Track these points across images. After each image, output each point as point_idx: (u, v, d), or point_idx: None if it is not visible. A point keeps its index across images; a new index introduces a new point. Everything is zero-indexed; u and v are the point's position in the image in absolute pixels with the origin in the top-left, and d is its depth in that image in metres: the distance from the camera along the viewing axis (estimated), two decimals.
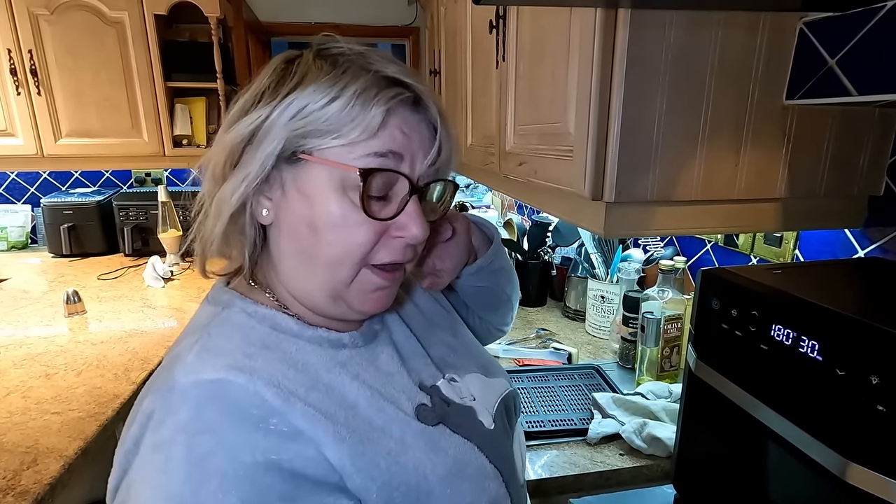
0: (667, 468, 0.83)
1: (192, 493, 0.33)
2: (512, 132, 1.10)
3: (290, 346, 0.44)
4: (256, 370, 0.39)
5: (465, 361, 0.56)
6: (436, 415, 0.47)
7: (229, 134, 0.43)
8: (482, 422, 0.50)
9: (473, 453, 0.47)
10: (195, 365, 0.39)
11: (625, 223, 0.72)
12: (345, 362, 0.46)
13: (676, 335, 1.05)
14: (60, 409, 1.01)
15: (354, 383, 0.44)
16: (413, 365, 0.51)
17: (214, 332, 0.43)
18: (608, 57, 0.66)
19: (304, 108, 0.40)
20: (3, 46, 2.01)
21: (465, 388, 0.52)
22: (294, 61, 0.44)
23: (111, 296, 1.74)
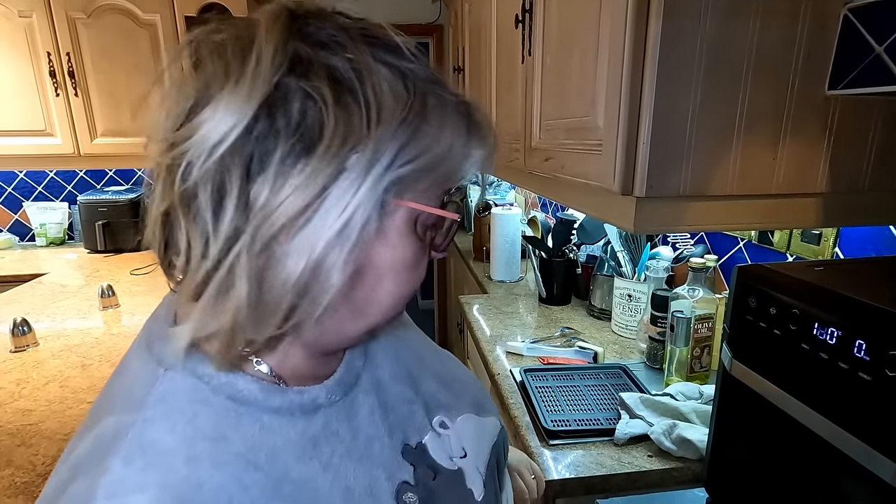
0: (698, 471, 0.81)
1: None
2: (538, 127, 1.09)
3: (251, 426, 0.34)
4: (202, 492, 0.30)
5: (456, 399, 0.48)
6: (419, 497, 0.39)
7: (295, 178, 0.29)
8: (472, 491, 0.43)
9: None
10: (123, 484, 0.28)
11: (656, 219, 0.71)
12: (317, 438, 0.36)
13: (707, 335, 1.02)
14: (96, 399, 1.04)
15: (327, 475, 0.35)
16: (398, 415, 0.43)
17: (152, 415, 0.32)
18: (640, 48, 0.65)
19: (401, 152, 0.32)
20: (44, 49, 2.09)
21: (455, 439, 0.45)
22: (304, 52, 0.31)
23: (143, 290, 1.79)
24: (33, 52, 2.09)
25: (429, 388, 0.47)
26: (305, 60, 0.30)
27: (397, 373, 0.46)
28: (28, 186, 2.54)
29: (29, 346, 1.30)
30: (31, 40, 2.08)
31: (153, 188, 0.33)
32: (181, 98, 0.31)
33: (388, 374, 0.45)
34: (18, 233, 2.57)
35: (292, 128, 0.29)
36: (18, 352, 1.28)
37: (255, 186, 0.29)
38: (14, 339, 1.28)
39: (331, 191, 0.29)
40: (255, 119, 0.29)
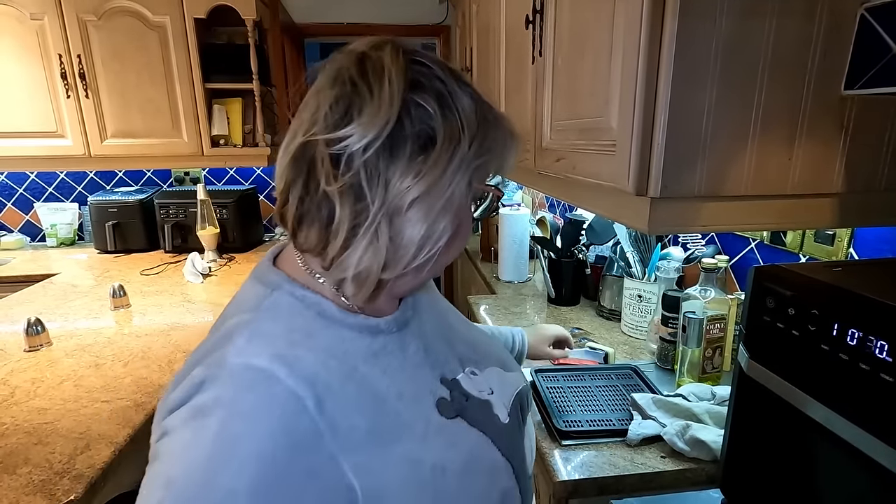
0: (712, 472, 0.80)
1: (212, 467, 0.36)
2: (548, 128, 1.09)
3: (331, 333, 0.46)
4: (299, 360, 0.41)
5: (484, 357, 0.58)
6: (454, 409, 0.49)
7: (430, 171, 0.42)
8: (498, 416, 0.53)
9: (488, 447, 0.50)
10: (246, 348, 0.41)
11: (670, 219, 0.71)
12: (378, 352, 0.47)
13: (719, 336, 1.01)
14: (109, 398, 1.06)
15: (385, 378, 0.46)
16: (437, 358, 0.53)
17: (263, 315, 0.45)
18: (655, 48, 0.65)
19: (480, 150, 0.45)
20: (55, 51, 2.11)
21: (484, 381, 0.55)
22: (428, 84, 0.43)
23: (153, 290, 1.81)
24: (45, 54, 2.12)
25: (460, 348, 0.57)
26: (419, 83, 0.43)
27: (436, 331, 0.56)
28: (39, 187, 2.57)
29: (43, 346, 1.31)
30: (43, 42, 2.10)
31: (295, 175, 0.43)
32: (337, 109, 0.41)
33: (429, 329, 0.55)
34: (29, 233, 2.60)
35: (415, 131, 0.42)
36: (32, 351, 1.29)
37: (392, 172, 0.41)
38: (28, 339, 1.30)
39: (443, 177, 0.42)
40: (391, 125, 0.40)
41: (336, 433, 0.40)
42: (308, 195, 0.43)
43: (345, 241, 0.42)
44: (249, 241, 2.44)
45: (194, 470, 0.36)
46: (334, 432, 0.40)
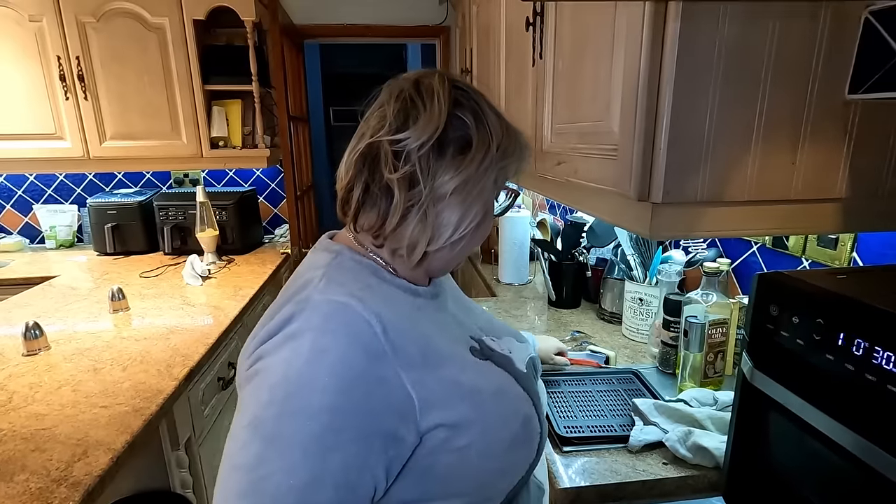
0: (714, 479, 0.80)
1: (308, 371, 0.46)
2: (549, 131, 1.08)
3: (385, 288, 0.57)
4: (367, 300, 0.52)
5: (500, 330, 0.72)
6: (483, 355, 0.62)
7: (466, 169, 0.55)
8: (518, 367, 0.65)
9: (512, 383, 0.61)
10: (325, 289, 0.52)
11: (672, 225, 0.70)
12: (421, 307, 0.60)
13: (721, 340, 1.01)
14: (108, 403, 1.05)
15: (428, 323, 0.58)
16: (464, 322, 0.66)
17: (332, 271, 0.56)
18: (657, 52, 0.64)
19: (503, 156, 0.59)
20: (54, 53, 2.10)
21: (504, 344, 0.67)
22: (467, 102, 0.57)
23: (153, 293, 1.80)
24: (43, 56, 2.11)
25: (480, 322, 0.70)
26: (459, 102, 0.56)
27: (459, 307, 0.69)
28: (38, 189, 2.56)
29: (41, 350, 1.31)
30: (42, 44, 2.10)
31: (361, 167, 0.56)
32: (399, 117, 0.54)
33: (452, 305, 0.68)
34: (28, 235, 2.59)
35: (456, 137, 0.56)
36: (31, 355, 1.28)
37: (438, 167, 0.54)
38: (26, 343, 1.29)
39: (476, 173, 0.55)
40: (440, 131, 0.54)
41: (397, 354, 0.50)
42: (373, 182, 0.55)
43: (400, 219, 0.54)
44: (249, 243, 2.43)
45: (294, 374, 0.46)
46: (395, 353, 0.50)
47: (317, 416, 0.45)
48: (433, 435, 0.51)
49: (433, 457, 0.52)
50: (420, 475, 0.52)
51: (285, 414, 0.45)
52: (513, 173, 0.62)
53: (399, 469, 0.51)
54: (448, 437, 0.52)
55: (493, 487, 0.58)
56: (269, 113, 2.52)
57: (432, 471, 0.52)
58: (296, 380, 0.46)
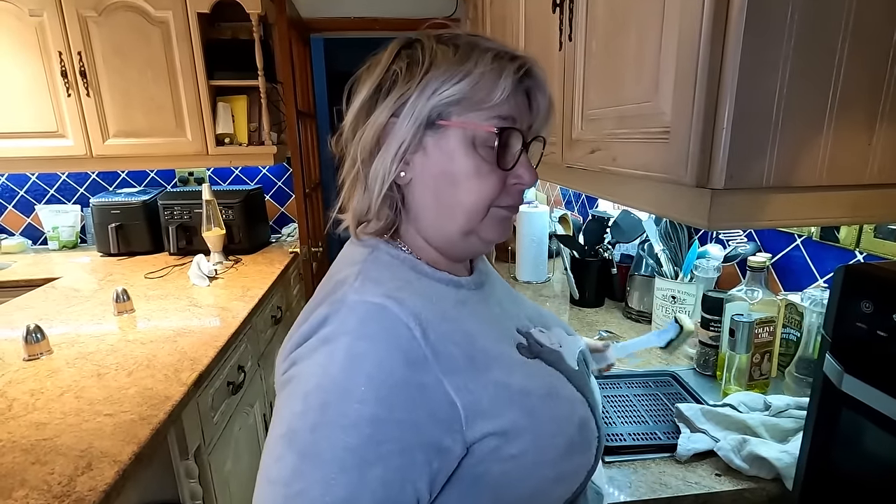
0: (773, 492, 0.73)
1: (344, 379, 0.43)
2: (580, 118, 1.02)
3: (425, 283, 0.53)
4: (405, 301, 0.48)
5: (549, 320, 0.67)
6: (532, 352, 0.56)
7: (375, 116, 0.51)
8: (569, 364, 0.59)
9: (564, 383, 0.56)
10: (361, 289, 0.48)
11: (734, 214, 0.63)
12: (464, 300, 0.55)
13: (768, 340, 0.94)
14: (113, 411, 0.99)
15: (472, 319, 0.53)
16: (511, 315, 0.61)
17: (369, 266, 0.52)
18: (720, 23, 0.57)
19: (442, 85, 0.49)
20: (55, 49, 2.05)
21: (553, 336, 0.62)
22: (414, 47, 0.52)
23: (158, 294, 1.74)
24: (44, 51, 2.05)
25: (528, 311, 0.66)
26: (401, 55, 0.52)
27: (506, 296, 0.65)
28: (40, 189, 2.51)
29: (43, 354, 1.25)
30: (42, 40, 2.04)
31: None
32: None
33: (499, 293, 0.64)
34: (31, 236, 2.54)
35: (385, 90, 0.52)
36: (32, 360, 1.23)
37: (359, 124, 0.53)
38: (27, 347, 1.23)
39: (394, 118, 0.51)
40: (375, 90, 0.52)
41: (438, 358, 0.46)
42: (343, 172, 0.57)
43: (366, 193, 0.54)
44: (255, 242, 2.37)
45: (329, 382, 0.43)
46: (437, 357, 0.46)
47: (354, 427, 0.42)
48: (482, 444, 0.47)
49: (483, 467, 0.48)
50: (469, 486, 0.48)
51: (321, 425, 0.42)
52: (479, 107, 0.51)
53: (445, 481, 0.47)
54: (498, 445, 0.48)
55: (549, 496, 0.53)
56: (275, 109, 2.46)
57: (482, 481, 0.48)
58: (331, 388, 0.43)
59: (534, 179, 0.55)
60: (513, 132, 0.52)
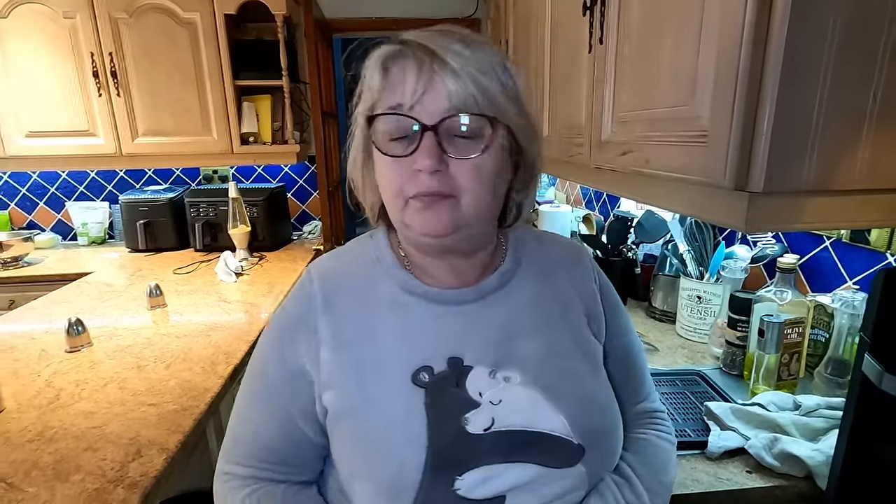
0: (804, 490, 0.74)
1: (264, 334, 0.61)
2: (610, 120, 1.03)
3: (378, 271, 0.59)
4: (330, 273, 0.60)
5: (537, 376, 0.55)
6: (428, 382, 0.52)
7: (353, 119, 0.57)
8: (467, 420, 0.51)
9: (419, 426, 0.50)
10: (317, 261, 0.63)
11: (772, 216, 0.64)
12: (405, 304, 0.57)
13: (797, 341, 0.95)
14: (156, 402, 1.03)
15: (394, 321, 0.56)
16: (467, 341, 0.55)
17: (349, 245, 0.64)
18: (762, 28, 0.59)
19: (362, 86, 0.55)
20: (87, 50, 2.10)
21: (496, 391, 0.53)
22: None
23: (187, 290, 1.79)
24: (76, 52, 2.11)
25: (521, 350, 0.56)
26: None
27: (508, 315, 0.58)
28: (70, 186, 2.58)
29: (83, 347, 1.29)
30: (75, 41, 2.10)
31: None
32: None
33: (502, 311, 0.58)
34: (61, 232, 2.61)
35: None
36: (74, 352, 1.27)
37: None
38: (69, 340, 1.28)
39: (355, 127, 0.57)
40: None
41: (327, 328, 0.56)
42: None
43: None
44: (279, 239, 2.42)
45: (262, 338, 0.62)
46: (326, 328, 0.56)
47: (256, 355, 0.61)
48: (325, 401, 0.55)
49: (332, 421, 0.55)
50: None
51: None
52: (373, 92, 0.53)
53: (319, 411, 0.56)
54: (333, 413, 0.55)
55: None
56: (299, 108, 2.50)
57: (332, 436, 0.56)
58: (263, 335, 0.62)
59: (429, 162, 0.48)
60: (383, 118, 0.50)
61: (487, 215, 0.55)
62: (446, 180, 0.50)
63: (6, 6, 2.04)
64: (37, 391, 1.08)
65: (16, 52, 2.09)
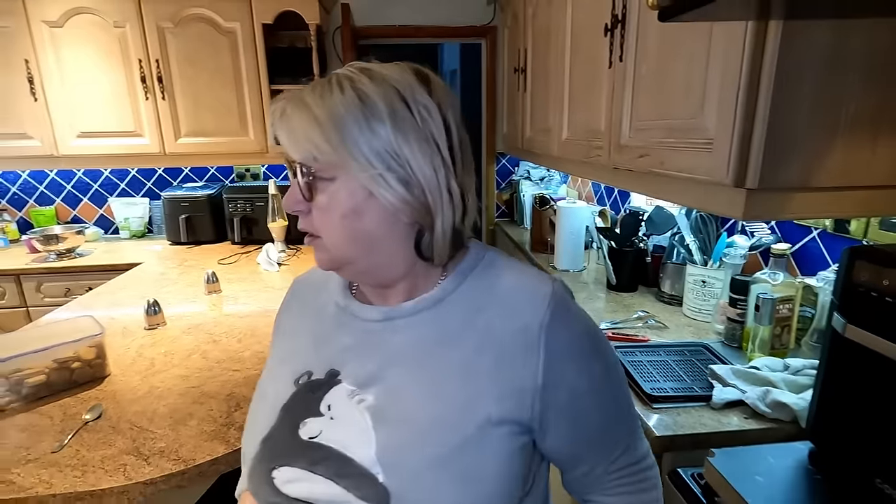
0: (791, 431, 0.91)
1: None
2: (628, 127, 1.20)
3: (329, 284, 0.65)
4: (300, 282, 0.73)
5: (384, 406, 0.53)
6: (301, 383, 0.58)
7: None
8: (304, 424, 0.54)
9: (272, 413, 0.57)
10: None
11: (764, 208, 0.81)
12: (330, 313, 0.62)
13: (787, 316, 1.12)
14: (238, 368, 1.20)
15: (310, 323, 0.64)
16: (356, 357, 0.56)
17: None
18: (757, 61, 0.75)
19: None
20: (136, 57, 2.27)
21: (344, 410, 0.53)
22: None
23: (236, 278, 1.96)
24: (126, 59, 2.28)
25: (390, 377, 0.54)
26: None
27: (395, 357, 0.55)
28: (112, 183, 2.75)
29: (160, 325, 1.46)
30: (125, 49, 2.27)
31: None
32: None
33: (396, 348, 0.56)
34: (102, 226, 2.78)
35: None
36: (152, 329, 1.44)
37: None
38: (148, 318, 1.45)
39: None
40: None
41: (280, 318, 0.72)
42: None
43: None
44: None
45: None
46: (279, 320, 0.72)
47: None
48: None
49: None
50: None
51: None
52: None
53: None
54: None
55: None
56: None
57: None
58: None
59: (287, 203, 0.53)
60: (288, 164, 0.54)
61: (361, 255, 0.54)
62: (309, 220, 0.54)
63: (62, 17, 2.20)
64: (132, 360, 1.25)
65: (70, 59, 2.26)
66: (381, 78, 0.51)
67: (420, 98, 0.51)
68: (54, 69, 2.25)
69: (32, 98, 2.27)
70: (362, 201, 0.51)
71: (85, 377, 1.13)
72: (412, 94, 0.51)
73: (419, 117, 0.51)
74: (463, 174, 0.55)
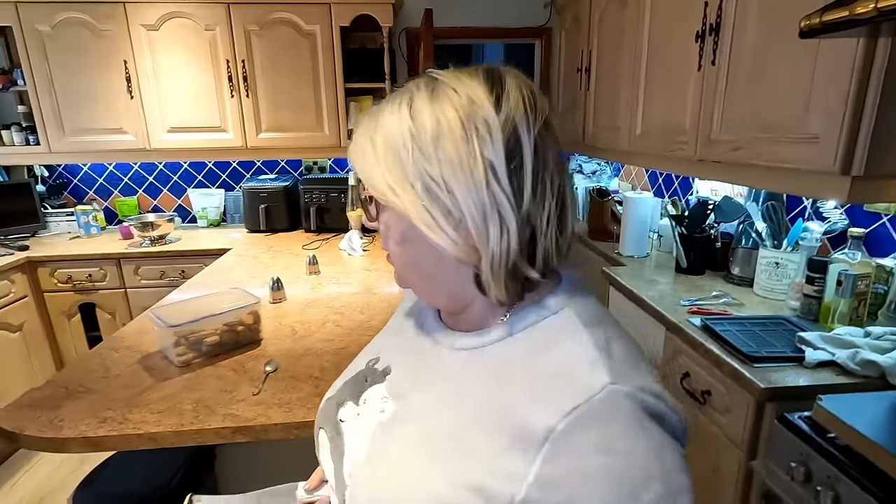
0: (879, 386, 1.06)
1: None
2: (718, 124, 1.35)
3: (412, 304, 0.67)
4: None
5: (389, 428, 0.52)
6: (363, 374, 0.61)
7: None
8: (344, 403, 0.59)
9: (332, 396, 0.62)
10: None
11: (867, 192, 0.97)
12: (412, 315, 0.63)
13: (864, 291, 1.27)
14: (372, 333, 1.35)
15: (395, 323, 0.67)
16: (405, 365, 0.57)
17: None
18: (866, 69, 0.90)
19: None
20: (224, 57, 2.45)
21: (366, 412, 0.55)
22: None
23: (325, 261, 2.13)
24: (214, 60, 2.46)
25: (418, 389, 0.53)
26: None
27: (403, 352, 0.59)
28: (189, 175, 2.94)
29: (282, 300, 1.64)
30: (214, 50, 2.45)
31: None
32: None
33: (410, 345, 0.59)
34: (181, 215, 2.98)
35: None
36: (276, 303, 1.62)
37: None
38: (273, 294, 1.63)
39: None
40: None
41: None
42: None
43: None
44: None
45: None
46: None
47: None
48: None
49: None
50: None
51: None
52: None
53: None
54: None
55: None
56: None
57: None
58: None
59: (364, 216, 0.56)
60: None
61: (417, 281, 0.53)
62: (383, 237, 0.54)
63: (159, 20, 2.39)
64: (274, 329, 1.43)
65: (164, 60, 2.44)
66: (441, 93, 0.46)
67: (479, 112, 0.44)
68: (150, 69, 2.44)
69: (129, 96, 2.46)
70: (408, 229, 0.48)
71: (246, 339, 1.31)
72: (470, 110, 0.44)
73: (475, 138, 0.44)
74: (533, 203, 0.45)
